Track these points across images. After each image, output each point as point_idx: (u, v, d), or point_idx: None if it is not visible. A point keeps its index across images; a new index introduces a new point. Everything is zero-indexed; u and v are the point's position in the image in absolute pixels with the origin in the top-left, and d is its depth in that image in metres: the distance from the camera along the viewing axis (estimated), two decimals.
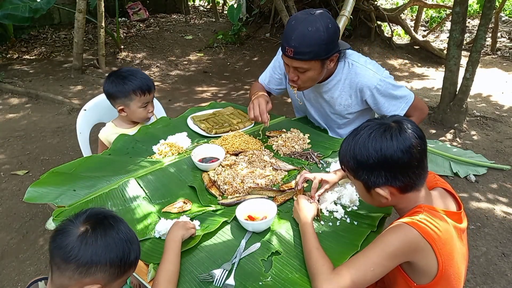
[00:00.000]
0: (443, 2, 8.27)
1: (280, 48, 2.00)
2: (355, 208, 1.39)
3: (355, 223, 1.31)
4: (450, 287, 1.07)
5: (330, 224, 1.31)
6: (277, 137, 1.84)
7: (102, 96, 2.21)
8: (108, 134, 1.94)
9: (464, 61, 4.14)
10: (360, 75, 1.76)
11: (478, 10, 8.22)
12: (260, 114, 1.81)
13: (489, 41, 6.88)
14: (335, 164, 1.61)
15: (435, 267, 1.02)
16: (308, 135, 1.87)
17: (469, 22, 8.00)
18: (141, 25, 7.25)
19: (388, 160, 1.03)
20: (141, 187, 1.47)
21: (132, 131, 1.95)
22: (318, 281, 1.02)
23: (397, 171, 1.05)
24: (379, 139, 1.04)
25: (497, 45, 6.88)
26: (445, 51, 5.35)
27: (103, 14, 5.09)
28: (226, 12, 7.90)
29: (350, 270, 1.01)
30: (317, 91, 1.90)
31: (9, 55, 5.58)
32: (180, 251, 1.15)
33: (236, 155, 1.68)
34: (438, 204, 1.11)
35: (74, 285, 0.92)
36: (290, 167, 1.61)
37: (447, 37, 4.40)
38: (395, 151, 1.02)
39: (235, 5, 6.54)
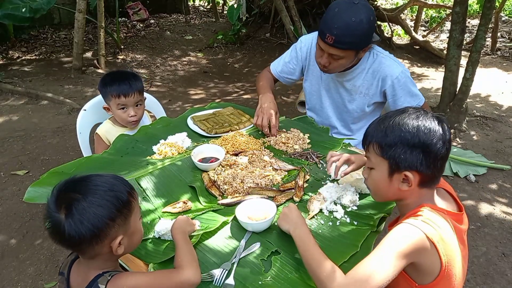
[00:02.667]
0: (443, 2, 8.28)
1: (300, 38, 2.06)
2: (355, 208, 1.39)
3: (355, 223, 1.32)
4: (452, 287, 1.07)
5: (330, 224, 1.31)
6: (276, 136, 1.85)
7: None
8: (108, 131, 1.97)
9: (464, 61, 4.14)
10: (384, 64, 1.82)
11: (478, 10, 8.21)
12: (270, 127, 1.82)
13: (489, 41, 6.88)
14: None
15: (438, 267, 1.02)
16: (308, 135, 1.87)
17: (469, 22, 8.00)
18: (141, 25, 7.25)
19: (431, 145, 1.04)
20: (141, 187, 1.47)
21: (127, 130, 1.97)
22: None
23: (432, 159, 1.05)
24: (429, 122, 1.06)
25: (497, 45, 6.87)
26: (445, 51, 5.35)
27: (103, 14, 5.09)
28: (226, 12, 7.90)
29: (366, 272, 0.97)
30: (339, 80, 1.94)
31: (9, 55, 5.57)
32: (190, 241, 1.16)
33: (236, 155, 1.68)
34: (440, 204, 1.11)
35: (102, 249, 0.98)
36: (290, 167, 1.61)
37: (447, 37, 4.40)
38: (439, 139, 1.05)
39: (235, 5, 6.55)
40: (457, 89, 3.93)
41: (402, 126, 1.07)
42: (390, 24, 6.67)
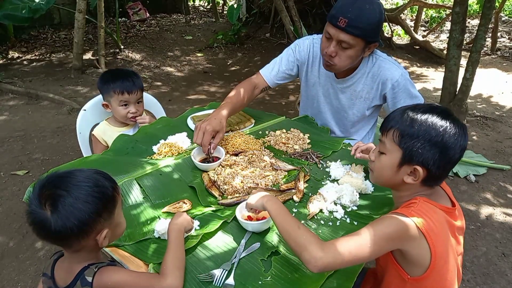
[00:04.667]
0: (443, 2, 8.28)
1: (295, 42, 2.00)
2: (355, 208, 1.39)
3: (355, 223, 1.31)
4: (444, 280, 1.08)
5: (330, 224, 1.31)
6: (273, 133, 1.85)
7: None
8: (105, 131, 2.00)
9: (464, 61, 4.14)
10: (384, 68, 1.81)
11: (478, 10, 8.22)
12: (202, 144, 1.62)
13: (489, 41, 6.88)
14: (335, 164, 1.61)
15: (428, 258, 1.03)
16: (308, 135, 1.87)
17: (469, 22, 8.00)
18: (141, 25, 7.25)
19: (451, 148, 1.04)
20: (141, 187, 1.47)
21: (124, 130, 1.99)
22: (310, 251, 0.98)
23: (446, 161, 1.06)
24: (456, 126, 1.06)
25: (497, 45, 6.88)
26: (445, 51, 5.35)
27: (103, 14, 5.09)
28: (226, 12, 7.90)
29: (349, 242, 1.00)
30: (338, 87, 1.92)
31: (9, 55, 5.57)
32: (184, 240, 1.16)
33: (236, 155, 1.67)
34: (434, 198, 1.12)
35: (87, 243, 1.00)
36: (290, 167, 1.61)
37: (447, 37, 4.40)
38: (460, 145, 1.05)
39: (235, 5, 6.55)
40: (457, 89, 3.92)
41: (431, 122, 1.06)
42: (390, 24, 6.66)
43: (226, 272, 1.11)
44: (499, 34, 7.18)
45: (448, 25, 7.29)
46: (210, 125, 1.63)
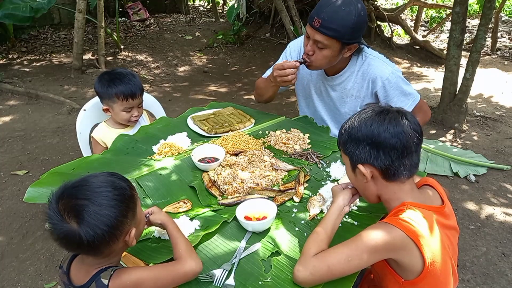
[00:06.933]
0: (443, 2, 8.28)
1: (288, 44, 2.05)
2: (355, 208, 1.39)
3: (355, 223, 1.32)
4: (438, 282, 1.08)
5: None
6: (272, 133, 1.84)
7: None
8: (104, 134, 1.98)
9: (464, 61, 4.14)
10: (373, 66, 1.80)
11: (478, 10, 8.22)
12: (285, 72, 1.76)
13: (489, 41, 6.88)
14: (335, 164, 1.61)
15: (420, 264, 1.03)
16: (308, 135, 1.87)
17: (469, 22, 8.00)
18: (141, 25, 7.24)
19: (375, 136, 1.07)
20: (141, 187, 1.47)
21: (123, 131, 1.98)
22: (298, 263, 1.07)
23: (381, 150, 1.07)
24: (375, 117, 1.10)
25: (497, 45, 6.87)
26: (445, 51, 5.35)
27: (103, 14, 5.09)
28: (226, 12, 7.90)
29: (328, 257, 1.04)
30: (329, 84, 1.93)
31: (9, 55, 5.57)
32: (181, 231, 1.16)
33: (236, 155, 1.68)
34: (422, 200, 1.12)
35: (117, 246, 1.00)
36: (290, 167, 1.61)
37: (447, 37, 4.40)
38: (384, 131, 1.07)
39: (235, 5, 6.55)
40: (457, 89, 3.92)
41: (352, 124, 1.13)
42: (390, 24, 6.66)
43: (226, 272, 1.11)
44: (499, 34, 7.17)
45: (448, 25, 7.29)
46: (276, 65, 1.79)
